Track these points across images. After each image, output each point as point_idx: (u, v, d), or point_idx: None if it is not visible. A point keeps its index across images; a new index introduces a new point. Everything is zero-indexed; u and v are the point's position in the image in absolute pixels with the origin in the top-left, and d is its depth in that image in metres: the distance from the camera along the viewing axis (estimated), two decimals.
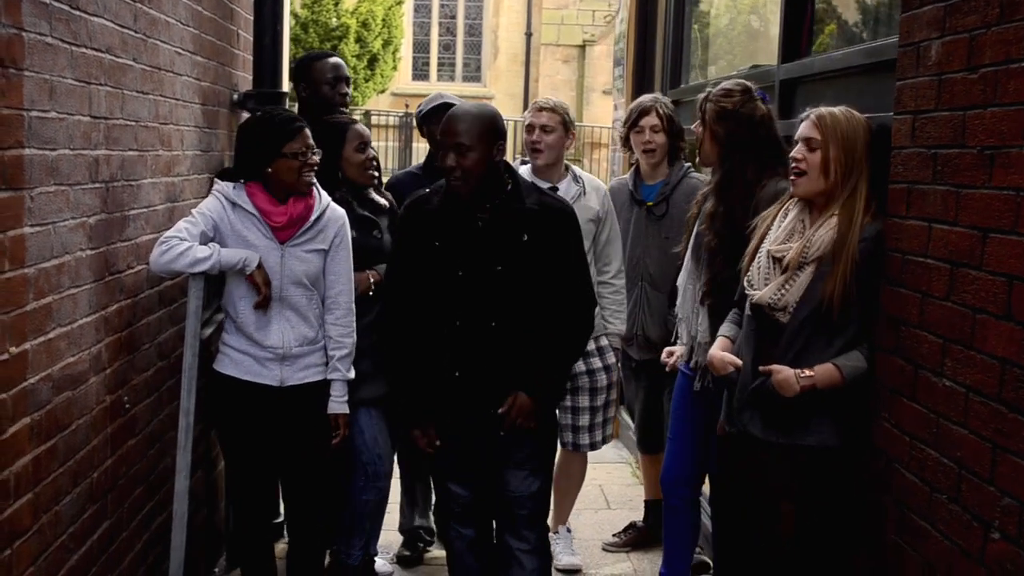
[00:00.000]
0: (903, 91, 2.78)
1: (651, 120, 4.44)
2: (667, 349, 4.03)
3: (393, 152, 16.96)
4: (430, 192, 3.41)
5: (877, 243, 2.91)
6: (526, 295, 3.33)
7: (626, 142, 4.63)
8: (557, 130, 4.36)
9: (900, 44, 2.81)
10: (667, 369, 3.99)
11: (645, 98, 4.64)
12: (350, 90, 4.46)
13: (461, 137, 3.20)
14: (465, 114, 3.28)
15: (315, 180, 3.49)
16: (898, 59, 2.82)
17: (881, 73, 3.24)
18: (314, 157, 3.42)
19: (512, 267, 3.29)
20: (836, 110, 3.03)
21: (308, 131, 3.43)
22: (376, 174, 3.98)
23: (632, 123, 4.50)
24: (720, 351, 3.24)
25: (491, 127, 3.27)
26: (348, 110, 4.39)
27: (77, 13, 2.70)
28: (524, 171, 4.33)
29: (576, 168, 4.54)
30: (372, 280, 3.80)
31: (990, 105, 2.36)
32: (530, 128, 4.38)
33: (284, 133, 3.39)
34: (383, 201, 4.03)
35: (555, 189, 4.27)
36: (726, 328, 3.33)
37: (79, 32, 2.72)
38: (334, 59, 4.45)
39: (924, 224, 2.64)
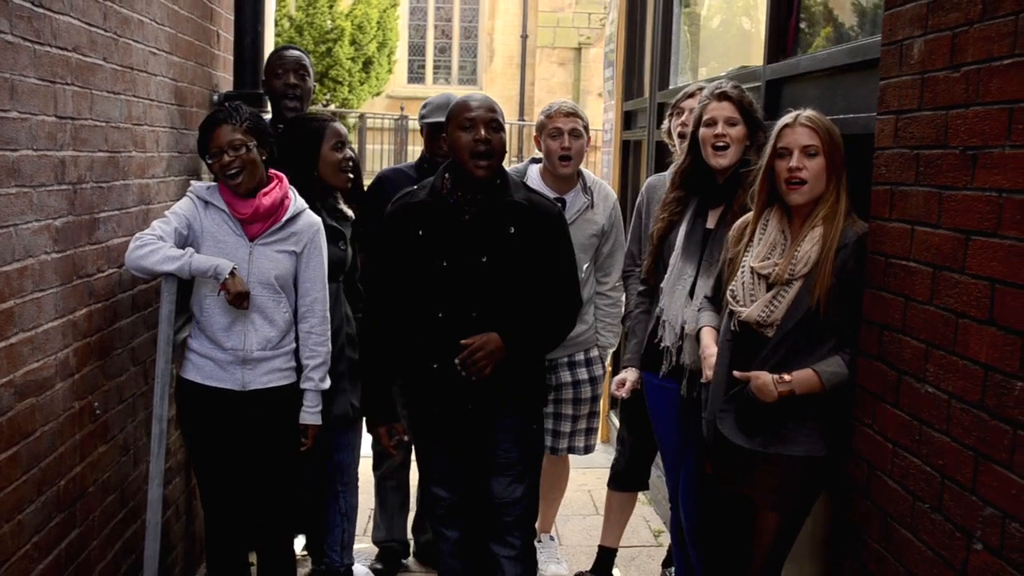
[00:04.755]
0: (886, 90, 2.72)
1: (694, 102, 3.84)
2: (617, 379, 3.88)
3: (388, 155, 16.85)
4: (417, 188, 3.41)
5: (856, 249, 2.86)
6: (509, 288, 3.30)
7: (670, 134, 4.12)
8: (583, 136, 4.23)
9: (883, 42, 2.75)
10: (624, 396, 3.86)
11: (694, 84, 4.21)
12: (304, 82, 4.29)
13: (494, 114, 3.29)
14: (488, 97, 3.42)
15: (276, 182, 3.44)
16: (881, 58, 2.76)
17: (868, 72, 3.18)
18: (227, 156, 3.31)
19: (497, 259, 3.27)
20: (817, 113, 2.98)
21: (228, 127, 3.33)
22: (351, 176, 3.86)
23: (674, 106, 4.06)
24: (714, 347, 3.17)
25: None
26: (300, 103, 4.25)
27: (40, 11, 2.64)
28: (532, 172, 4.27)
29: (588, 175, 4.39)
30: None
31: (972, 104, 2.30)
32: (557, 133, 4.16)
33: (204, 133, 3.38)
34: (349, 212, 3.90)
35: (563, 202, 4.15)
36: (711, 318, 3.27)
37: (42, 30, 2.66)
38: (284, 50, 4.35)
39: (907, 226, 2.58)
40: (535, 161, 4.42)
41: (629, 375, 3.84)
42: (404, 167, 4.65)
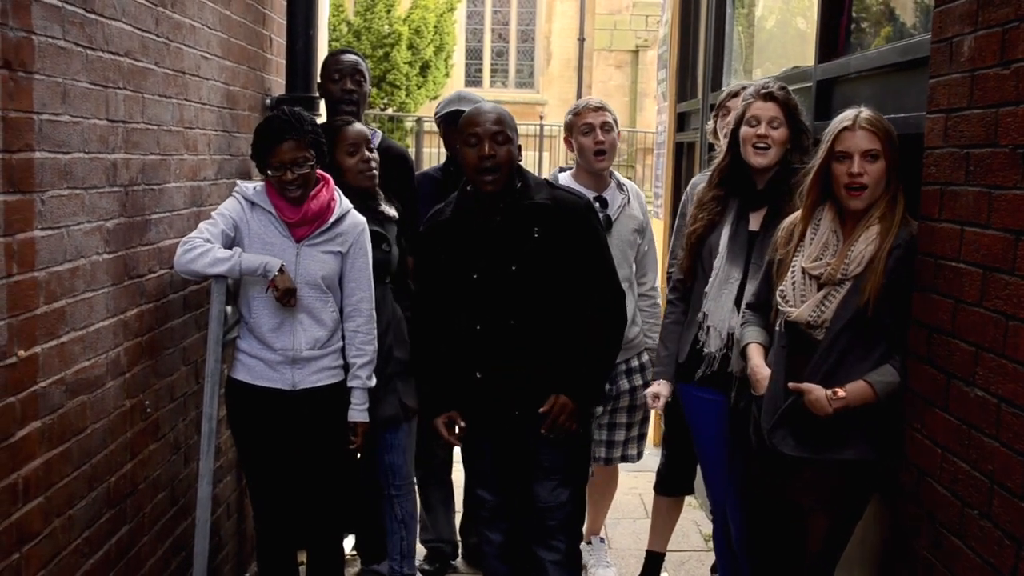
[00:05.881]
0: (936, 89, 2.67)
1: (738, 102, 3.78)
2: (649, 392, 3.79)
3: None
4: (443, 205, 3.44)
5: (908, 249, 2.81)
6: (544, 293, 3.29)
7: (715, 132, 4.10)
8: (614, 129, 4.19)
9: (933, 40, 2.70)
10: (658, 410, 3.78)
11: (737, 83, 4.16)
12: (361, 87, 4.30)
13: (500, 126, 3.24)
14: (496, 108, 3.34)
15: (322, 187, 3.46)
16: (931, 55, 2.71)
17: (919, 71, 3.12)
18: (290, 174, 3.32)
19: (526, 266, 3.27)
20: (876, 113, 2.92)
21: (293, 143, 3.32)
22: (374, 174, 3.81)
23: (719, 106, 4.05)
24: (765, 368, 3.13)
25: (516, 124, 3.34)
26: (356, 107, 4.25)
27: (93, 17, 2.70)
28: (564, 179, 4.24)
29: (617, 174, 4.37)
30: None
31: (1023, 102, 2.25)
32: (589, 129, 4.11)
33: (265, 145, 3.36)
34: (392, 212, 3.87)
35: (603, 200, 4.15)
36: (756, 333, 3.22)
37: (95, 36, 2.71)
38: (341, 55, 4.36)
39: (957, 227, 2.53)
40: (563, 170, 4.41)
41: (662, 388, 3.75)
42: (431, 170, 4.68)
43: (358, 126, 3.83)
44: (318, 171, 3.47)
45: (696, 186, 4.10)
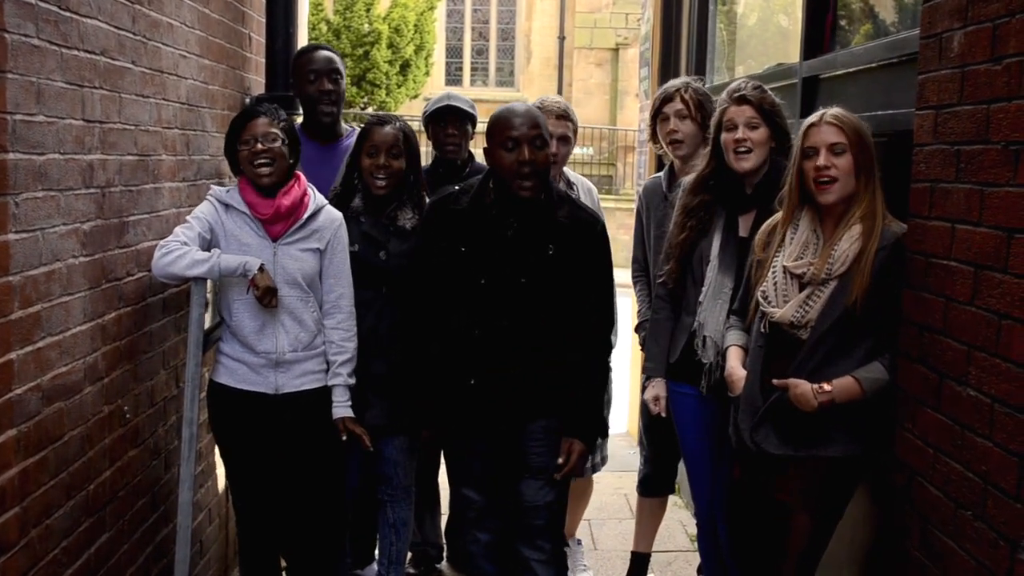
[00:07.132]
0: (925, 85, 2.65)
1: (675, 106, 3.88)
2: (649, 396, 3.73)
3: (426, 157, 16.88)
4: (459, 191, 3.35)
5: (895, 249, 2.80)
6: (546, 308, 3.27)
7: (654, 136, 4.04)
8: (572, 141, 4.12)
9: (921, 36, 2.68)
10: (661, 414, 3.70)
11: (671, 83, 4.04)
12: (338, 85, 4.18)
13: (538, 130, 3.17)
14: (531, 109, 3.26)
15: (292, 176, 3.42)
16: (920, 51, 2.69)
17: (907, 67, 3.10)
18: (260, 145, 3.29)
19: (535, 280, 3.24)
20: (844, 111, 2.91)
21: (264, 120, 3.32)
22: (383, 183, 3.62)
23: (656, 112, 3.97)
24: (740, 369, 3.11)
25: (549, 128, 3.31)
26: (336, 107, 4.18)
27: (67, 14, 2.63)
28: None
29: (569, 172, 4.29)
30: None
31: (1015, 97, 2.22)
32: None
33: (236, 123, 3.35)
34: (406, 223, 3.64)
35: None
36: (737, 336, 3.20)
37: (70, 34, 2.65)
38: (317, 52, 4.20)
39: (947, 225, 2.51)
40: None
41: (660, 390, 3.69)
42: None
43: (388, 130, 3.65)
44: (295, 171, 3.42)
45: (649, 190, 4.07)
